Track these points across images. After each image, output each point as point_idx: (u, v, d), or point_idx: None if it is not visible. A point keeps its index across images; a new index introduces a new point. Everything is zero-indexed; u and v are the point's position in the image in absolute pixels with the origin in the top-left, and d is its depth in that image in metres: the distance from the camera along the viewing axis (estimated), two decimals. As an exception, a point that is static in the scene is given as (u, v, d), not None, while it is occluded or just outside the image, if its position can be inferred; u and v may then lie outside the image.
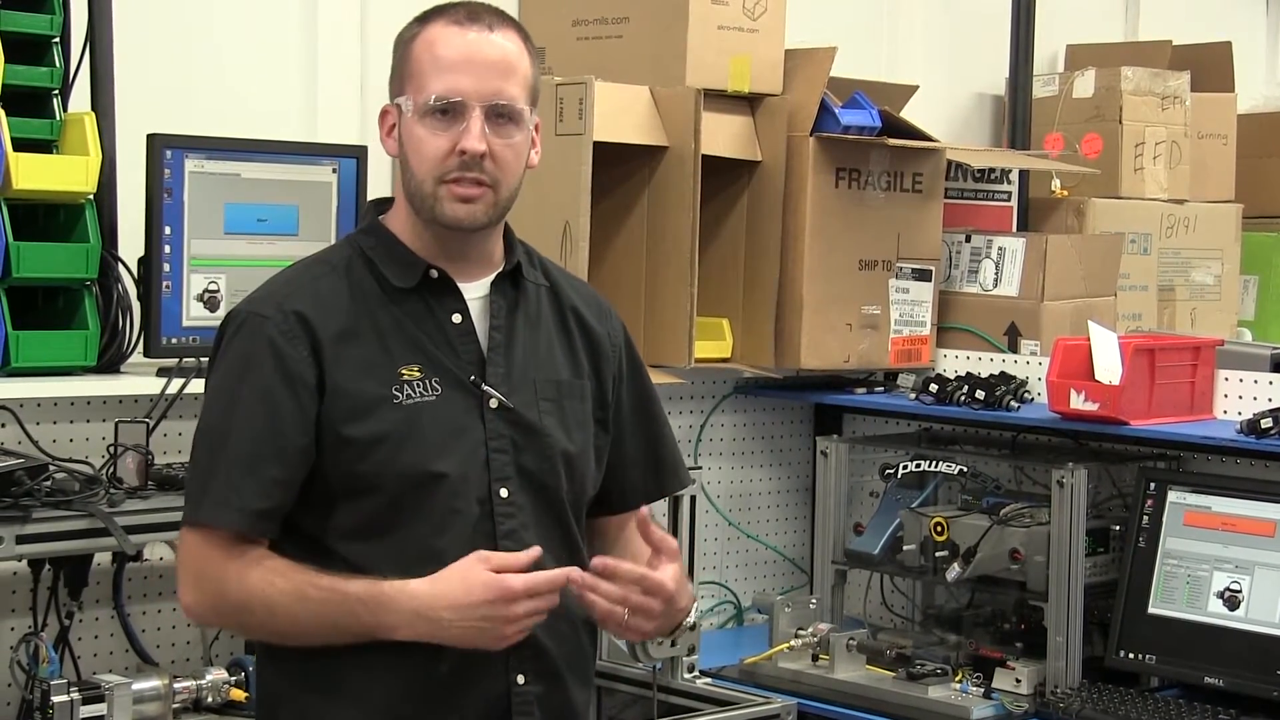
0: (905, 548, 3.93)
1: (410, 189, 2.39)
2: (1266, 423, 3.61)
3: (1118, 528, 3.80)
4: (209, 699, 3.27)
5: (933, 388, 4.10)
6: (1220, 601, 3.61)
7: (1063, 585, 3.66)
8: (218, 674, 3.29)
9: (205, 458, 2.36)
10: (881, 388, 4.32)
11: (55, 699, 3.00)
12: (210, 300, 3.42)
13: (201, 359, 3.21)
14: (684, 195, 3.86)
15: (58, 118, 3.31)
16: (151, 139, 3.36)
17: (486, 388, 2.39)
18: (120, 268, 3.35)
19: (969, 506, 3.94)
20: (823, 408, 4.47)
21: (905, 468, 3.99)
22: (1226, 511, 3.65)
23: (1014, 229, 4.58)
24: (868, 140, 4.12)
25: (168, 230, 3.36)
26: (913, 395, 4.16)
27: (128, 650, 3.43)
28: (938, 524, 3.82)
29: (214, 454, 2.34)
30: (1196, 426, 3.80)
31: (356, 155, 3.57)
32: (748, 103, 4.08)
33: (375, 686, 2.34)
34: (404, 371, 2.36)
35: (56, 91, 3.31)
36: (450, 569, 2.29)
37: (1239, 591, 3.59)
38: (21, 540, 2.89)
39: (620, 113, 3.81)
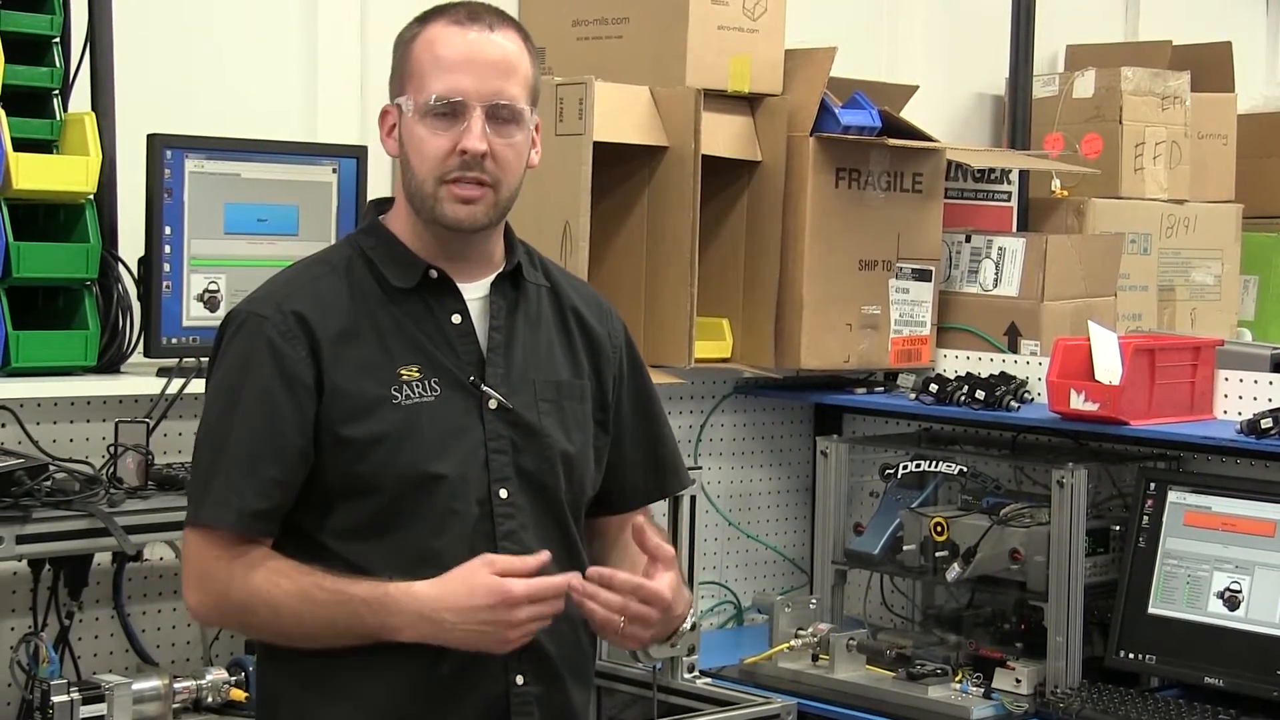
0: (905, 548, 3.93)
1: (411, 189, 2.39)
2: (1266, 423, 3.61)
3: (1118, 528, 3.80)
4: (209, 699, 3.26)
5: (933, 388, 4.10)
6: (1220, 602, 3.61)
7: (1063, 585, 3.66)
8: (218, 674, 3.29)
9: (206, 458, 2.36)
10: (881, 388, 4.31)
11: (55, 699, 3.00)
12: (210, 300, 3.42)
13: (201, 359, 3.21)
14: (684, 195, 3.86)
15: (58, 118, 3.31)
16: (151, 139, 3.35)
17: (485, 388, 2.39)
18: (120, 268, 3.35)
19: (969, 506, 3.93)
20: (823, 408, 4.46)
21: (905, 468, 3.98)
22: (1226, 512, 3.65)
23: (1014, 229, 4.58)
24: (868, 140, 4.12)
25: (168, 230, 3.36)
26: (913, 395, 4.15)
27: (128, 650, 3.43)
28: (938, 524, 3.82)
29: (214, 454, 2.34)
30: (1196, 426, 3.80)
31: (356, 155, 3.57)
32: (748, 103, 4.08)
33: (375, 687, 2.34)
34: (403, 372, 2.36)
35: (56, 91, 3.31)
36: (455, 571, 2.28)
37: (1239, 592, 3.59)
38: (21, 540, 2.88)
39: (620, 113, 3.81)
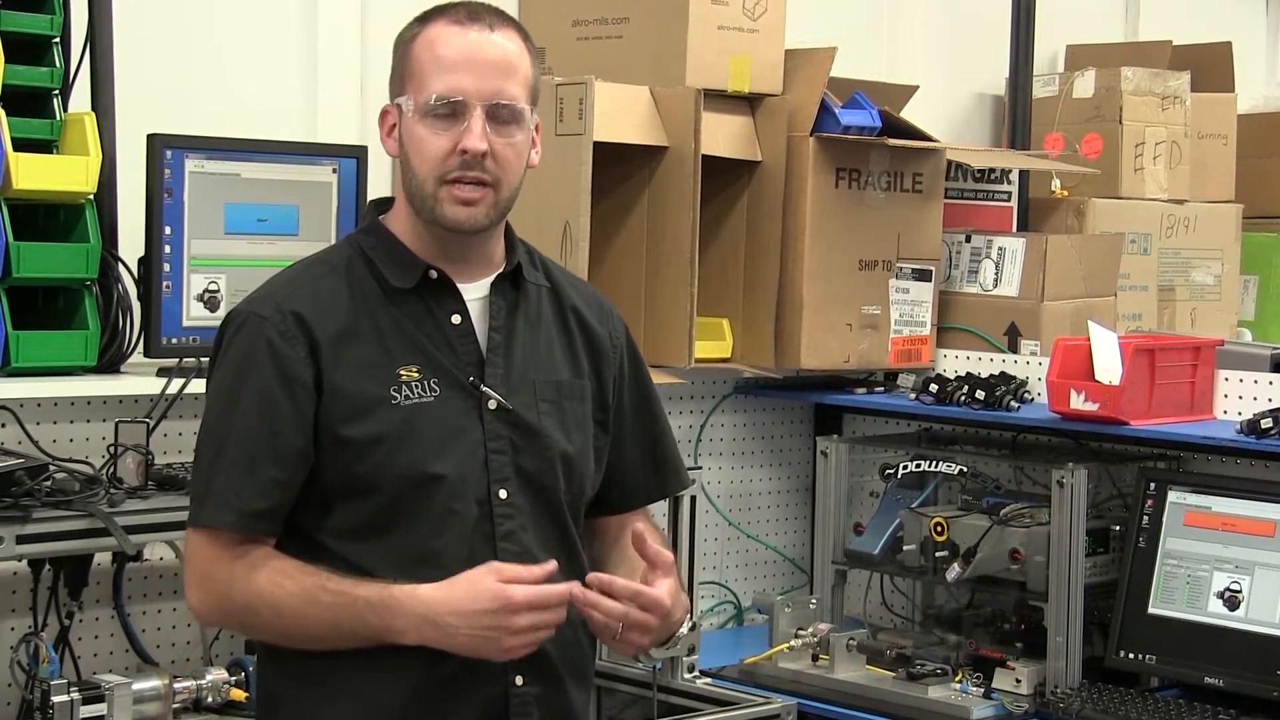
0: (905, 548, 3.92)
1: (411, 189, 2.39)
2: (1266, 423, 3.60)
3: (1118, 528, 3.80)
4: (209, 699, 3.26)
5: (933, 388, 4.10)
6: (1220, 602, 3.61)
7: (1063, 585, 3.66)
8: (218, 674, 3.29)
9: (207, 458, 2.36)
10: (881, 388, 4.31)
11: (55, 699, 2.99)
12: (210, 300, 3.42)
13: (201, 359, 3.21)
14: (684, 195, 3.85)
15: (58, 118, 3.31)
16: (151, 139, 3.35)
17: (485, 389, 2.39)
18: (120, 268, 3.35)
19: (969, 506, 3.93)
20: (823, 408, 4.46)
21: (905, 468, 3.98)
22: (1226, 512, 3.65)
23: (1014, 229, 4.58)
24: (868, 140, 4.12)
25: (168, 230, 3.36)
26: (913, 395, 4.15)
27: (128, 650, 3.43)
28: (938, 524, 3.82)
29: (215, 455, 2.35)
30: (1196, 426, 3.80)
31: (356, 155, 3.57)
32: (748, 103, 4.08)
33: (375, 687, 2.34)
34: (403, 372, 2.36)
35: (56, 91, 3.31)
36: (461, 576, 2.28)
37: (1239, 592, 3.59)
38: (21, 540, 2.88)
39: (620, 113, 3.81)
